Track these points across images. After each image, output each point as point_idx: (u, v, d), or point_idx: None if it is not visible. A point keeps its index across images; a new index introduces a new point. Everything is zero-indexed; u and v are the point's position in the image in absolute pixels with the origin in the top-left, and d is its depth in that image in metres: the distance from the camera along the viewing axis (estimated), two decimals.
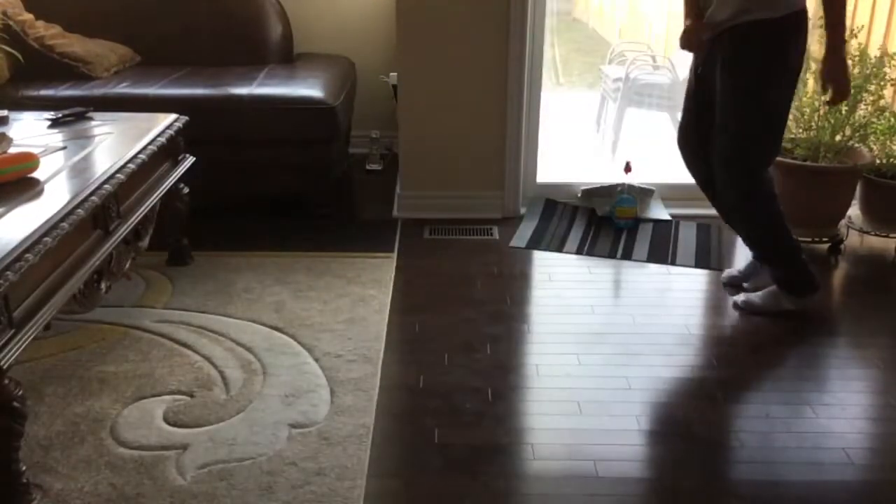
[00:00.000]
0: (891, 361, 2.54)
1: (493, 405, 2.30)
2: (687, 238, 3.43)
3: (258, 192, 3.57)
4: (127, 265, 2.49)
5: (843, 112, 3.19)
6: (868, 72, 3.13)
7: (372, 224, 3.57)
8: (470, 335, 2.66)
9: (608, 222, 3.55)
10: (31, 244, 1.84)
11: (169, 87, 3.48)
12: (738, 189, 2.70)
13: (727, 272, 3.06)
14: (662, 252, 3.30)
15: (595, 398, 2.33)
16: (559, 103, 5.88)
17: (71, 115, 2.80)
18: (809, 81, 3.26)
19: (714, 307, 2.97)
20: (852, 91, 3.12)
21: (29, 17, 3.64)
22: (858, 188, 3.33)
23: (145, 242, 2.66)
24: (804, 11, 2.52)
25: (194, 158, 3.02)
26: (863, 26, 3.52)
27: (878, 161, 3.30)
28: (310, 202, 3.62)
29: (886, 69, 3.14)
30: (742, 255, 3.34)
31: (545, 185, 3.79)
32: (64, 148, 2.51)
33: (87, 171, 2.32)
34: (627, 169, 3.60)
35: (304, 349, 2.54)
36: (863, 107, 3.19)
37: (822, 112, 3.22)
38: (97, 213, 2.21)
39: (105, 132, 2.68)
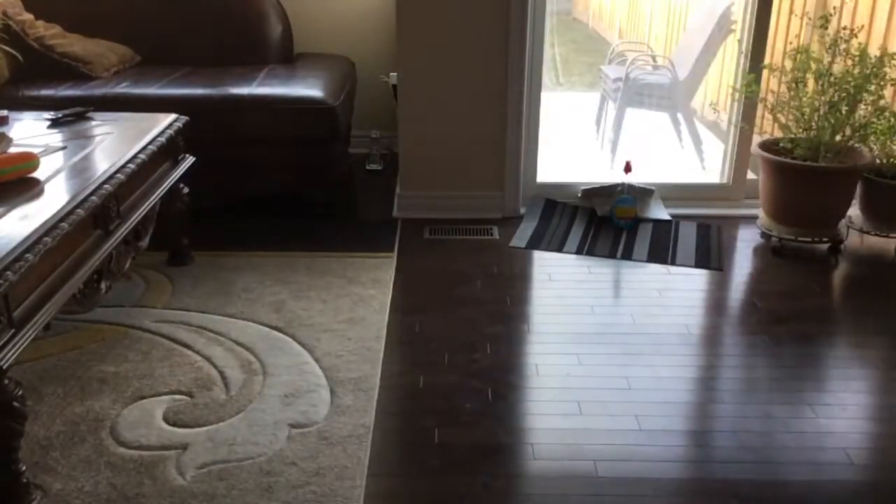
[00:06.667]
0: (891, 361, 2.54)
1: (493, 405, 2.30)
2: (687, 238, 3.43)
3: (258, 192, 3.57)
4: (127, 265, 2.49)
5: (843, 112, 3.19)
6: (868, 72, 3.13)
7: (372, 224, 3.57)
8: (470, 335, 2.66)
9: (608, 222, 3.55)
10: (31, 244, 1.84)
11: (169, 87, 3.48)
12: None
13: None
14: (662, 252, 3.30)
15: (595, 398, 2.33)
16: (559, 103, 5.88)
17: (71, 115, 2.80)
18: (810, 81, 3.26)
19: (714, 307, 2.97)
20: (852, 91, 3.14)
21: (29, 17, 3.64)
22: (858, 188, 3.33)
23: (145, 242, 2.66)
24: None
25: (194, 158, 3.02)
26: (863, 26, 3.52)
27: (878, 161, 3.30)
28: (310, 202, 3.62)
29: (886, 69, 3.14)
30: (744, 255, 3.34)
31: (545, 185, 3.79)
32: (64, 148, 2.51)
33: (87, 171, 2.32)
34: (627, 169, 3.60)
35: (304, 349, 2.54)
36: (863, 107, 3.19)
37: (822, 112, 3.22)
38: (97, 213, 2.21)
39: (105, 132, 2.68)
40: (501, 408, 2.29)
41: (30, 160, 2.24)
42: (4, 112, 2.78)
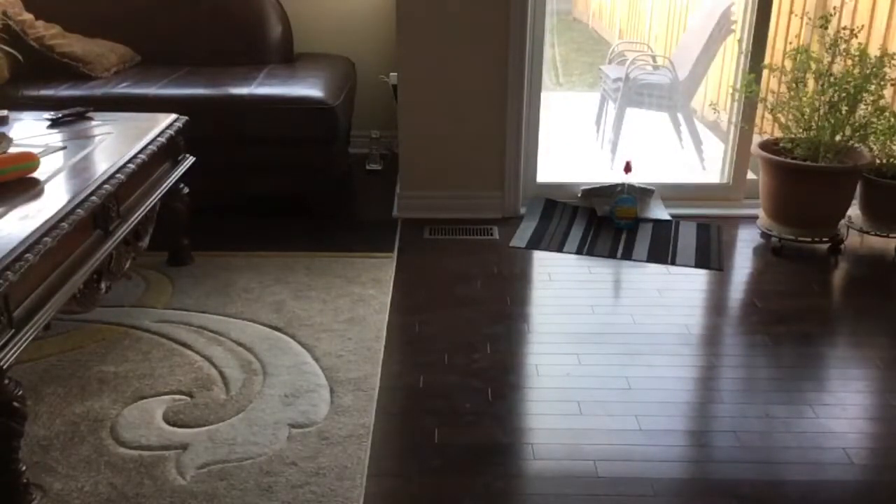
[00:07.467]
0: (891, 361, 2.54)
1: (493, 405, 2.30)
2: (687, 238, 3.43)
3: (258, 192, 3.57)
4: (127, 265, 2.49)
5: (843, 112, 3.19)
6: (868, 72, 3.13)
7: (372, 224, 3.57)
8: (470, 335, 2.66)
9: (608, 222, 3.55)
10: (31, 244, 1.84)
11: (169, 87, 3.48)
12: None
13: None
14: (662, 252, 3.30)
15: (595, 398, 2.33)
16: (559, 103, 5.88)
17: (71, 115, 2.80)
18: (810, 81, 3.26)
19: (714, 307, 2.96)
20: (852, 91, 3.13)
21: (29, 17, 3.64)
22: (858, 188, 3.33)
23: (145, 242, 2.66)
24: None
25: (194, 158, 3.02)
26: (863, 26, 3.52)
27: (878, 161, 3.30)
28: (310, 202, 3.62)
29: (886, 69, 3.14)
30: (744, 255, 3.35)
31: (545, 185, 3.79)
32: (64, 148, 2.51)
33: (87, 171, 2.32)
34: (627, 169, 3.60)
35: (304, 349, 2.54)
36: (863, 107, 3.19)
37: (822, 112, 3.22)
38: (97, 213, 2.21)
39: (105, 132, 2.68)
40: (501, 408, 2.29)
41: (30, 160, 2.24)
42: (4, 112, 2.79)
